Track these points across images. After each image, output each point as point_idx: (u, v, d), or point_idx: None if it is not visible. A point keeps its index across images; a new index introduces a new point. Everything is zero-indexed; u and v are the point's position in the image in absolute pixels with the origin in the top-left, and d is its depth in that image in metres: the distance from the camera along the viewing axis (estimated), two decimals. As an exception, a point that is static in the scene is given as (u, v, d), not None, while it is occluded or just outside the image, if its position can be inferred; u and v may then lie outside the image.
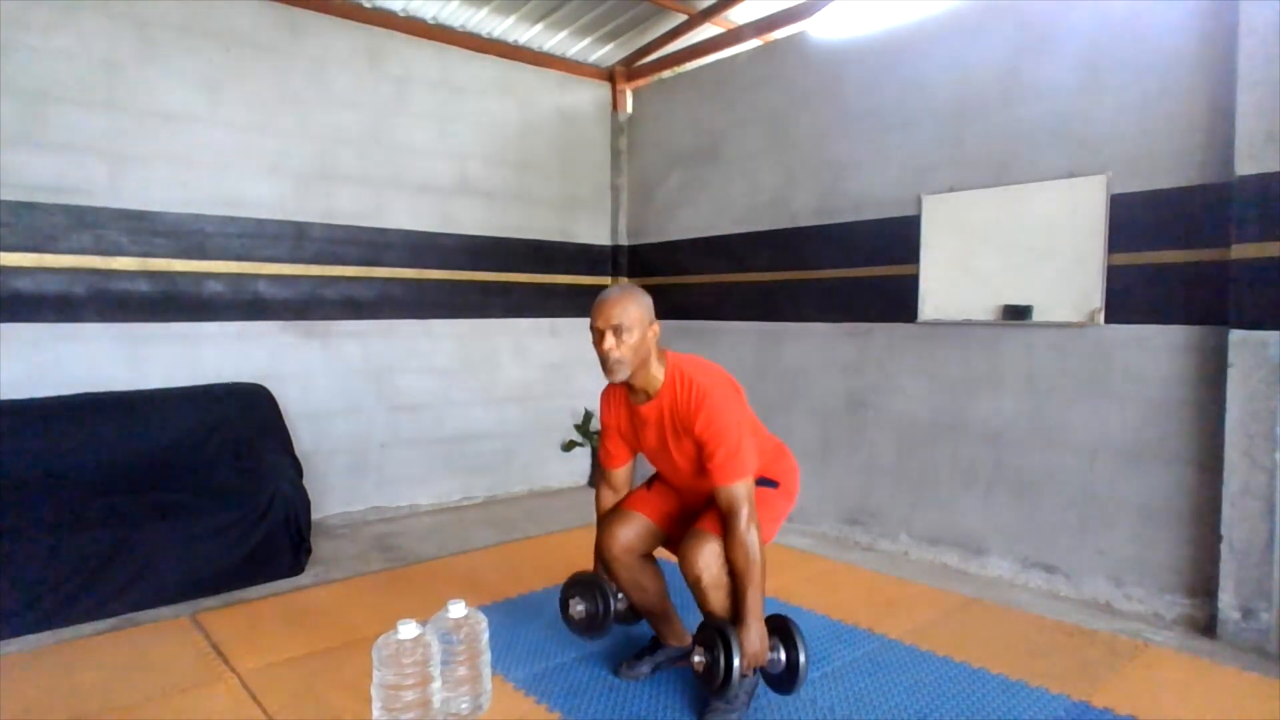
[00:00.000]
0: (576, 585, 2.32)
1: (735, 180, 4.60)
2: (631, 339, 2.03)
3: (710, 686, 2.00)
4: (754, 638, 1.97)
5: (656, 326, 2.12)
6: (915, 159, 3.70)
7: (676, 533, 2.28)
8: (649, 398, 2.15)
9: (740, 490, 2.01)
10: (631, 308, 2.04)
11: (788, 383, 4.26)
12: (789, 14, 4.30)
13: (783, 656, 2.08)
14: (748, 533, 1.98)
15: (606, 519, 2.32)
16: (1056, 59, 3.20)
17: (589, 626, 2.30)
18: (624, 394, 2.23)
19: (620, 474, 2.37)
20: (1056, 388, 3.24)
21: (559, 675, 2.44)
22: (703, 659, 2.00)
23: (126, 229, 3.55)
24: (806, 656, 2.06)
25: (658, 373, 2.12)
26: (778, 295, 4.37)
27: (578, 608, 2.30)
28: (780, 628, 2.09)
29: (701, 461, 2.08)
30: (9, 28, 3.25)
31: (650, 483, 2.41)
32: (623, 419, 2.27)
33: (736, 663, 1.92)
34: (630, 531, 2.27)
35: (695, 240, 4.84)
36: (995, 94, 3.40)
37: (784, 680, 2.11)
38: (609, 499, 2.38)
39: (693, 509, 2.28)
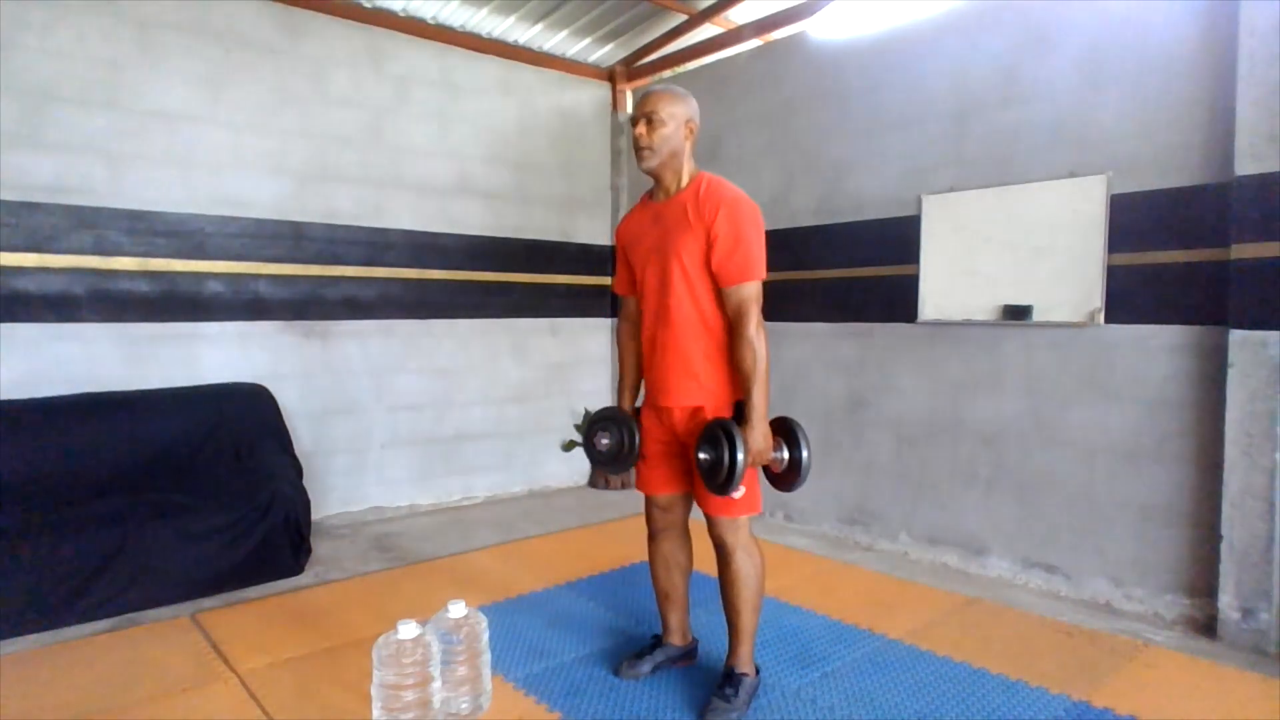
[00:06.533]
0: (603, 420, 2.35)
1: (735, 180, 4.46)
2: (664, 129, 2.13)
3: (713, 482, 2.02)
4: (759, 436, 2.01)
5: (694, 127, 2.20)
6: (915, 159, 3.70)
7: (691, 486, 2.32)
8: (669, 196, 2.21)
9: (749, 291, 2.07)
10: (669, 103, 2.15)
11: (788, 383, 4.26)
12: (789, 14, 4.30)
13: (785, 455, 2.09)
14: (756, 336, 2.04)
15: (646, 507, 2.40)
16: (1056, 59, 3.20)
17: (613, 460, 2.32)
18: (644, 201, 2.31)
19: (634, 301, 2.42)
20: (1056, 388, 3.24)
21: (559, 675, 2.44)
22: (708, 454, 2.01)
23: (126, 229, 3.55)
24: (809, 453, 2.08)
25: (685, 173, 2.21)
26: (778, 295, 4.33)
27: (603, 440, 2.33)
28: (785, 428, 2.11)
29: (707, 260, 2.10)
30: (9, 28, 3.25)
31: (644, 449, 2.35)
32: (628, 232, 2.33)
33: (741, 458, 1.94)
34: (663, 502, 2.35)
35: (695, 240, 4.83)
36: (995, 94, 3.40)
37: (785, 478, 2.12)
38: (628, 330, 2.45)
39: (678, 417, 2.22)
